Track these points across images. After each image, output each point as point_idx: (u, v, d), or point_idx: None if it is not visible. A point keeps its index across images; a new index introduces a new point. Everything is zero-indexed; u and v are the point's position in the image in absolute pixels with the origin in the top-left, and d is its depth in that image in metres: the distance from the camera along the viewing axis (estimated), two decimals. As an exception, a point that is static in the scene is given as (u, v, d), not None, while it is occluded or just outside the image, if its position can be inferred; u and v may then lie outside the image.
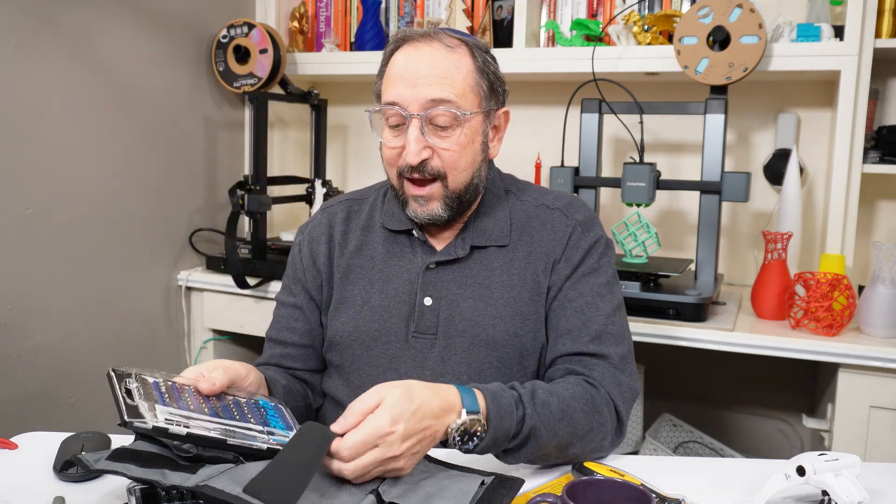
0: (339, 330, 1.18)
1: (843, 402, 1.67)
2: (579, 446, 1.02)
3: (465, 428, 0.91)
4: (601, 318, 1.13)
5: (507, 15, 2.23)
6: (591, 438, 1.03)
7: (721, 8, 1.80)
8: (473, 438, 0.91)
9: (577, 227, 1.18)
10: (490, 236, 1.17)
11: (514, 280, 1.15)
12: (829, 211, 1.90)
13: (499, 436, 0.93)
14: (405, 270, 1.17)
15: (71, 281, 1.91)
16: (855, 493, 0.86)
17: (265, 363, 1.23)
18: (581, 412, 1.01)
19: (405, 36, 1.12)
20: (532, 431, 0.96)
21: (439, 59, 1.08)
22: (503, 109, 1.18)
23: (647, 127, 1.97)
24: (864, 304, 1.71)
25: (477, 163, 1.13)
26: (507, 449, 0.96)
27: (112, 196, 2.01)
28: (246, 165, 2.47)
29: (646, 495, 0.77)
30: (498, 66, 1.17)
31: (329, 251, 1.22)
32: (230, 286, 2.15)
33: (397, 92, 1.08)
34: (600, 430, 1.04)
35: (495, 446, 0.94)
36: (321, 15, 2.51)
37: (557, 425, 0.98)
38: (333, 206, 1.28)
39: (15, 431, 1.11)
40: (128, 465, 0.83)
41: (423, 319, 1.14)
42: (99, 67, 1.95)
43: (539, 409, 0.97)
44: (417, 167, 1.09)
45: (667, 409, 2.27)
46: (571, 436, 1.00)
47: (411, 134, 1.08)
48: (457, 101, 1.08)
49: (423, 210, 1.12)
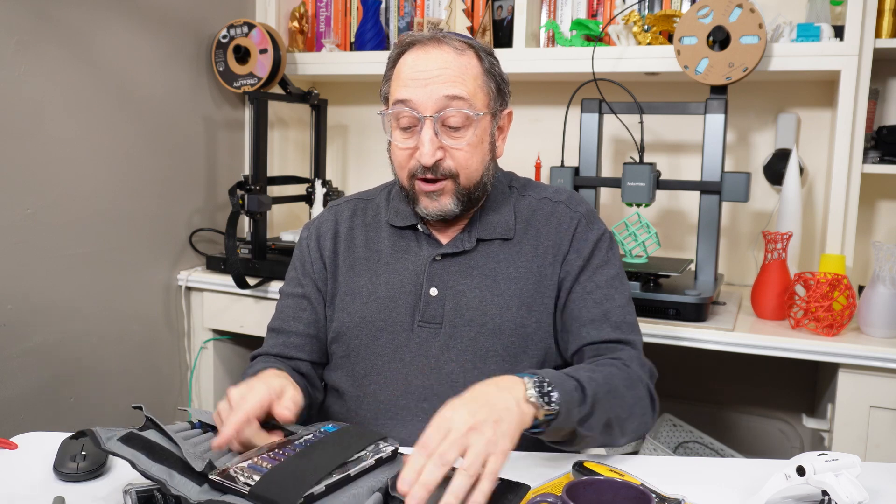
0: (346, 321, 1.20)
1: (843, 402, 1.67)
2: (631, 421, 1.06)
3: (536, 383, 0.92)
4: (619, 308, 1.18)
5: (507, 15, 2.23)
6: (637, 413, 1.08)
7: (721, 8, 1.80)
8: (551, 395, 0.92)
9: (581, 220, 1.21)
10: (496, 230, 1.20)
11: (521, 272, 1.18)
12: (829, 211, 1.90)
13: (566, 397, 0.94)
14: (411, 263, 1.20)
15: (71, 281, 1.91)
16: (855, 493, 0.86)
17: (266, 353, 1.24)
18: (623, 387, 1.06)
19: (413, 40, 1.14)
20: (595, 396, 0.98)
21: (450, 61, 1.11)
22: (507, 110, 1.21)
23: (647, 127, 1.97)
24: (864, 304, 1.71)
25: (486, 162, 1.17)
26: (582, 418, 0.97)
27: (112, 196, 2.01)
28: (246, 165, 2.47)
29: (646, 495, 0.77)
30: (502, 67, 1.20)
31: (334, 246, 1.25)
32: (230, 286, 2.15)
33: (409, 92, 1.10)
34: (641, 404, 1.09)
35: (569, 412, 0.94)
36: (321, 15, 2.51)
37: (607, 397, 1.01)
38: (340, 204, 1.31)
39: (15, 431, 1.11)
40: (138, 453, 0.84)
41: (429, 309, 1.16)
42: (99, 67, 1.95)
43: (585, 379, 1.00)
44: (431, 168, 1.12)
45: (667, 409, 2.27)
46: (621, 408, 1.04)
47: (425, 135, 1.10)
48: (470, 98, 1.10)
49: (434, 205, 1.15)
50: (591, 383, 1.00)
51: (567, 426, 0.96)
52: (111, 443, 0.85)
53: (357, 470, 0.85)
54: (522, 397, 0.90)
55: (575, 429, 0.97)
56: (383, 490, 0.84)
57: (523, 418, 0.89)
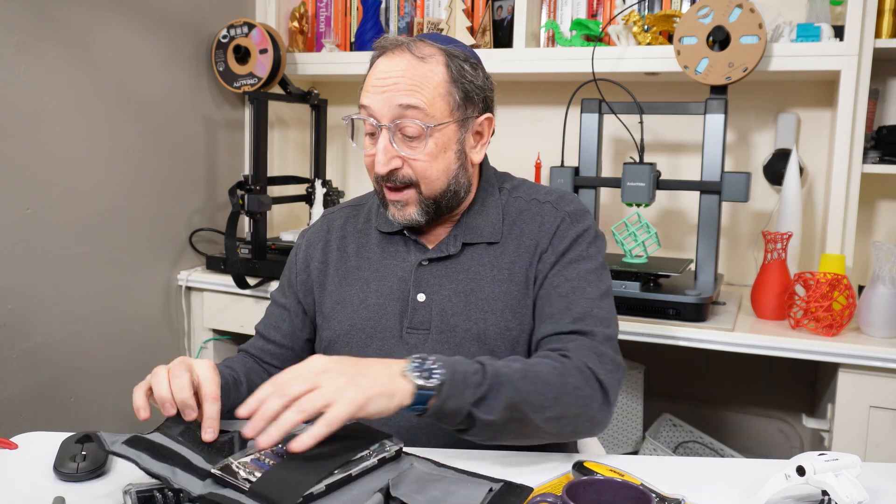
0: (338, 329, 1.20)
1: (843, 402, 1.67)
2: (558, 409, 0.99)
3: (417, 358, 0.91)
4: (586, 301, 1.12)
5: (507, 15, 2.23)
6: (568, 402, 1.00)
7: (721, 8, 1.80)
8: (433, 372, 0.90)
9: (565, 218, 1.18)
10: (481, 233, 1.19)
11: (504, 274, 1.16)
12: (829, 211, 1.90)
13: (455, 377, 0.91)
14: (399, 269, 1.20)
15: (71, 281, 1.91)
16: (855, 493, 0.86)
17: (246, 350, 1.27)
18: (550, 373, 1.00)
19: (382, 45, 1.14)
20: (496, 378, 0.94)
21: (408, 69, 1.10)
22: (485, 116, 1.18)
23: (647, 127, 1.97)
24: (864, 304, 1.71)
25: (452, 170, 1.14)
26: (478, 399, 0.92)
27: (112, 196, 2.01)
28: (246, 165, 2.47)
29: (646, 495, 0.77)
30: (480, 73, 1.16)
31: (324, 256, 1.26)
32: (230, 286, 2.15)
33: (369, 99, 1.12)
34: (576, 393, 1.01)
35: (459, 392, 0.91)
36: (321, 15, 2.51)
37: (521, 382, 0.96)
38: (334, 213, 1.32)
39: (15, 431, 1.11)
40: (142, 454, 0.84)
41: (417, 315, 1.16)
42: (99, 67, 1.95)
43: (499, 365, 0.97)
44: (389, 177, 1.12)
45: (667, 409, 2.27)
46: (540, 395, 0.97)
47: (380, 144, 1.11)
48: (426, 108, 1.09)
49: (400, 214, 1.15)
50: (500, 367, 0.96)
51: (459, 406, 0.91)
52: (116, 445, 0.86)
53: (359, 470, 0.85)
54: (398, 371, 0.89)
55: (471, 411, 0.92)
56: (384, 491, 0.84)
57: (393, 390, 0.87)
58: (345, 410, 0.83)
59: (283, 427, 0.81)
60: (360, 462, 0.86)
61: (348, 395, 0.84)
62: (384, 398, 0.86)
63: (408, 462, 0.91)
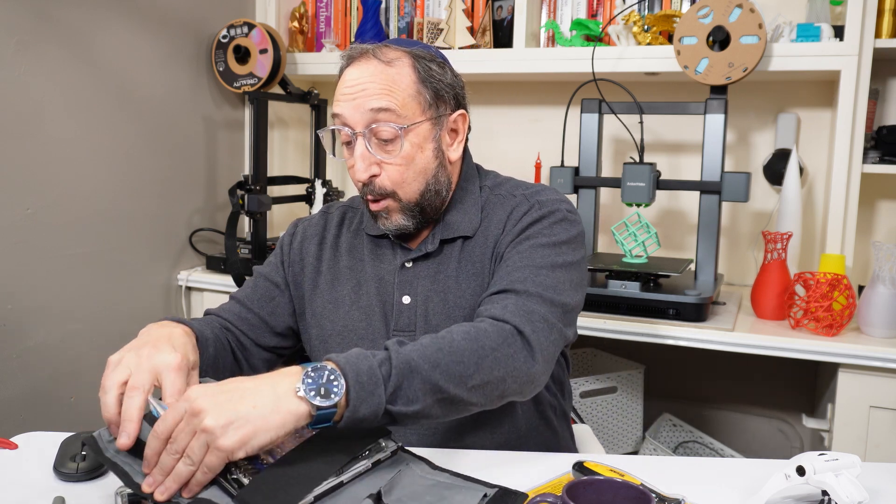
0: (329, 328, 1.20)
1: (843, 402, 1.67)
2: (480, 376, 0.93)
3: (312, 373, 0.82)
4: (530, 268, 1.07)
5: (507, 15, 2.23)
6: (489, 366, 0.94)
7: (721, 8, 1.80)
8: (332, 388, 0.82)
9: (534, 205, 1.16)
10: (457, 228, 1.18)
11: (477, 267, 1.16)
12: (829, 211, 1.90)
13: (361, 378, 0.84)
14: (386, 272, 1.20)
15: (71, 281, 1.91)
16: (855, 493, 0.86)
17: (217, 314, 1.22)
18: (461, 341, 0.94)
19: (349, 54, 1.14)
20: (406, 364, 0.88)
21: (376, 73, 1.10)
22: (458, 113, 1.18)
23: (647, 127, 1.97)
24: (864, 304, 1.71)
25: (430, 170, 1.15)
26: (392, 394, 0.86)
27: (112, 196, 2.01)
28: (246, 165, 2.47)
29: (646, 495, 0.77)
30: (448, 71, 1.16)
31: (319, 252, 1.26)
32: (230, 286, 2.15)
33: (341, 107, 1.11)
34: (495, 355, 0.95)
35: (367, 398, 0.84)
36: (321, 15, 2.51)
37: (435, 356, 0.90)
38: (332, 209, 1.32)
39: (15, 431, 1.11)
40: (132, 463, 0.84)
41: (402, 317, 1.16)
42: (99, 67, 1.95)
43: (407, 346, 0.91)
44: (368, 187, 1.13)
45: (667, 409, 2.27)
46: (461, 365, 0.91)
47: (357, 151, 1.11)
48: (397, 109, 1.09)
49: (388, 223, 1.16)
50: (409, 350, 0.90)
51: (374, 408, 0.84)
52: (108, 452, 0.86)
53: (350, 476, 0.84)
54: (289, 390, 0.81)
55: (388, 409, 0.86)
56: (374, 497, 0.83)
57: (282, 418, 0.80)
58: (221, 457, 0.78)
59: (180, 479, 0.80)
60: (352, 465, 0.85)
61: (226, 437, 0.78)
62: (271, 430, 0.79)
63: (403, 462, 0.90)
